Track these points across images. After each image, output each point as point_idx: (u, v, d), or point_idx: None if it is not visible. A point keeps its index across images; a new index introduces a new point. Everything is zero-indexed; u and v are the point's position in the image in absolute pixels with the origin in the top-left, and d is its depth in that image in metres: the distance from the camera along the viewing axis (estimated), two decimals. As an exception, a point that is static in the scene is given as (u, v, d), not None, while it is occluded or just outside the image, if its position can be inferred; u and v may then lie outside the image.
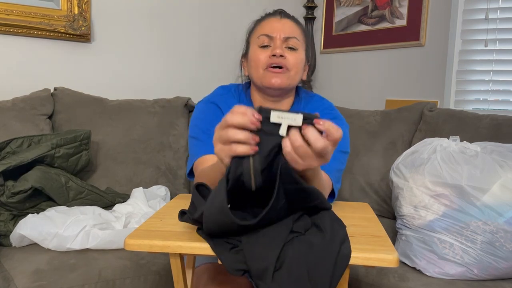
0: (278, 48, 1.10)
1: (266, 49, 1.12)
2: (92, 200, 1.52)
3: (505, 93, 1.85)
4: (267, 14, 1.19)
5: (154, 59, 2.18)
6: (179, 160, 1.88)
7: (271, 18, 1.16)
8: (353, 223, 0.90)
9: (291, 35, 1.12)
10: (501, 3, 1.83)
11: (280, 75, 1.11)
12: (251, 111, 0.66)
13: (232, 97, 1.21)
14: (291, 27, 1.14)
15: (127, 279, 1.22)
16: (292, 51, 1.13)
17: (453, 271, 1.19)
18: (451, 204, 1.20)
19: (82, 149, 1.58)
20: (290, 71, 1.12)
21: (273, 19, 1.15)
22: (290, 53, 1.12)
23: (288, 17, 1.17)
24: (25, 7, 1.78)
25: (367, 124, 1.85)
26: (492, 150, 1.27)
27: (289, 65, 1.12)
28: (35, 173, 1.40)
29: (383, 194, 1.70)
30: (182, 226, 0.84)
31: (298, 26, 1.17)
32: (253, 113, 0.66)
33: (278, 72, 1.11)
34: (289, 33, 1.13)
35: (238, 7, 2.37)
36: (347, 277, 0.82)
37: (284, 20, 1.15)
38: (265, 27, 1.14)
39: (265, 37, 1.12)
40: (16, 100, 1.69)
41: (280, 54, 1.10)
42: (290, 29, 1.13)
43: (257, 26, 1.18)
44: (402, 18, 2.12)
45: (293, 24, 1.16)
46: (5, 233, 1.34)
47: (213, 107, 1.17)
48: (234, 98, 1.22)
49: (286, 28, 1.13)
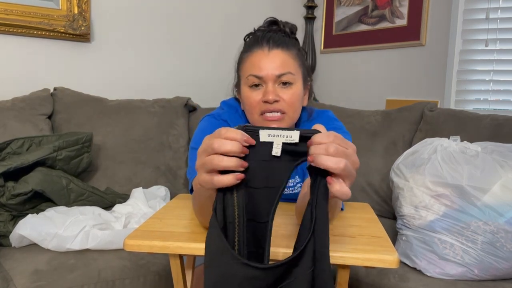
0: (270, 93, 0.98)
1: (258, 91, 1.00)
2: (93, 201, 1.51)
3: (506, 93, 1.85)
4: (254, 43, 1.03)
5: (154, 59, 2.17)
6: (179, 160, 1.88)
7: (258, 51, 1.01)
8: (354, 224, 0.89)
9: (283, 71, 0.99)
10: (501, 3, 1.83)
11: (278, 122, 1.01)
12: (241, 136, 0.58)
13: (239, 117, 1.13)
14: (283, 60, 1.00)
15: (126, 280, 1.21)
16: (287, 88, 1.00)
17: (453, 272, 1.18)
18: (452, 204, 1.20)
19: (84, 151, 1.58)
20: (288, 113, 1.01)
21: (260, 54, 1.00)
22: (285, 91, 1.00)
23: (277, 45, 1.01)
24: (25, 7, 1.78)
25: (367, 124, 1.85)
26: (493, 150, 1.27)
27: (285, 108, 1.00)
28: (36, 176, 1.40)
29: (384, 194, 1.70)
30: (182, 226, 0.84)
31: (291, 52, 1.02)
32: (244, 138, 0.58)
33: (274, 119, 1.00)
34: (280, 69, 0.99)
35: (238, 7, 2.37)
36: (348, 277, 0.82)
37: (273, 52, 1.00)
38: (253, 64, 1.00)
39: (254, 77, 1.00)
40: (15, 100, 1.69)
41: (273, 100, 0.98)
42: (281, 63, 0.99)
43: (245, 61, 1.04)
44: (403, 18, 2.11)
45: (284, 54, 1.00)
46: (4, 234, 1.34)
47: (224, 124, 1.10)
48: (242, 118, 1.13)
49: (276, 64, 0.99)
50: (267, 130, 0.59)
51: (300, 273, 0.59)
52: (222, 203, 0.61)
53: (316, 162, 0.57)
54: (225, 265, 0.60)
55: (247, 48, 1.05)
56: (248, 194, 0.62)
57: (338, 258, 0.72)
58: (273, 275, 0.59)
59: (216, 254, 0.60)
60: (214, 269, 0.61)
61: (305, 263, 0.59)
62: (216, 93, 2.25)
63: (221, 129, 0.59)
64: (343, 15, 2.39)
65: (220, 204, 0.61)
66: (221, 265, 0.60)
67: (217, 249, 0.60)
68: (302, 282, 0.59)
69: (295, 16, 2.49)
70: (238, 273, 0.59)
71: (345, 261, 0.72)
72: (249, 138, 0.59)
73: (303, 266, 0.59)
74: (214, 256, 0.61)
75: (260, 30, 1.07)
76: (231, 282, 0.60)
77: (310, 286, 0.59)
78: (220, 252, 0.60)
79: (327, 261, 0.59)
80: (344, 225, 0.88)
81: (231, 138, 0.58)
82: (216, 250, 0.60)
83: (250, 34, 1.09)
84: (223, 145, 0.57)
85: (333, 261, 0.72)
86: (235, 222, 0.61)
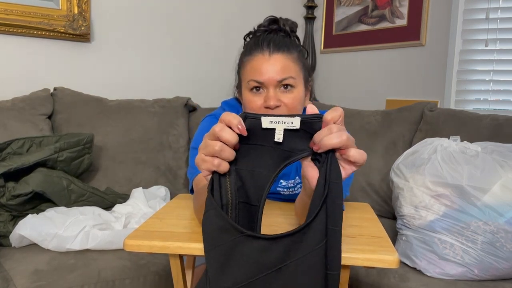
0: (271, 99, 0.97)
1: (259, 95, 1.00)
2: (93, 202, 1.51)
3: (506, 93, 1.85)
4: (255, 46, 1.02)
5: (154, 59, 2.17)
6: (179, 160, 1.88)
7: (258, 55, 1.00)
8: (354, 224, 0.89)
9: (284, 76, 0.98)
10: (501, 3, 1.83)
11: None
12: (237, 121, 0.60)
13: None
14: (284, 64, 0.98)
15: (126, 280, 1.21)
16: (288, 92, 0.99)
17: (453, 272, 1.18)
18: (452, 204, 1.20)
19: (85, 152, 1.58)
20: None
21: (261, 58, 0.99)
22: (287, 95, 0.99)
23: (278, 48, 0.99)
24: (25, 7, 1.78)
25: (367, 124, 1.85)
26: (493, 150, 1.27)
27: (287, 112, 0.99)
28: (37, 177, 1.39)
29: (384, 194, 1.70)
30: (182, 226, 0.84)
31: (292, 54, 1.01)
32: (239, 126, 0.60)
33: None
34: (281, 74, 0.97)
35: (238, 7, 2.37)
36: (347, 277, 0.82)
37: (274, 56, 0.98)
38: (254, 69, 0.99)
39: (255, 82, 0.99)
40: (15, 100, 1.69)
41: (275, 105, 0.97)
42: (282, 68, 0.98)
43: (246, 64, 1.03)
44: (403, 18, 2.11)
45: (285, 58, 0.99)
46: (4, 234, 1.34)
47: None
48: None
49: (277, 68, 0.97)
50: (269, 117, 0.60)
51: (308, 249, 0.59)
52: (219, 185, 0.62)
53: (323, 146, 0.59)
54: (229, 243, 0.59)
55: (248, 52, 1.03)
56: (243, 177, 0.63)
57: (338, 258, 0.72)
58: (282, 246, 0.59)
59: (218, 233, 0.60)
60: (217, 250, 0.60)
61: (313, 239, 0.59)
62: (216, 93, 2.25)
63: (225, 114, 0.61)
64: (343, 15, 2.39)
65: (217, 185, 0.62)
66: (225, 243, 0.59)
67: (218, 229, 0.60)
68: (311, 258, 0.59)
69: (295, 16, 2.49)
70: (244, 248, 0.59)
71: (345, 261, 0.72)
72: (243, 128, 0.60)
73: (311, 241, 0.59)
74: (216, 236, 0.60)
75: (260, 30, 1.06)
76: (238, 260, 0.59)
77: (319, 263, 0.59)
78: (221, 231, 0.59)
79: (338, 239, 0.58)
80: (344, 225, 0.88)
81: (226, 121, 0.60)
82: (217, 229, 0.60)
83: (250, 34, 1.09)
84: (224, 134, 0.60)
85: (333, 261, 0.72)
86: (228, 204, 0.62)
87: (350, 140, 0.60)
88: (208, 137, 0.62)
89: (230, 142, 0.60)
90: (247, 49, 1.05)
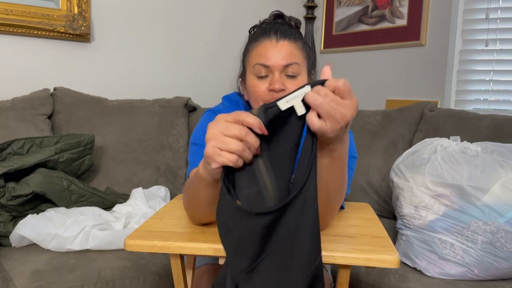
0: (277, 82, 0.98)
1: (264, 80, 1.01)
2: (94, 202, 1.51)
3: (506, 93, 1.85)
4: (262, 34, 1.04)
5: (154, 58, 2.17)
6: (179, 160, 1.88)
7: (265, 41, 1.02)
8: (354, 224, 0.90)
9: (290, 61, 0.99)
10: (501, 3, 1.83)
11: None
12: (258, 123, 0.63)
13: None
14: (290, 51, 1.01)
15: (126, 280, 1.21)
16: (292, 79, 1.01)
17: (453, 271, 1.18)
18: (452, 204, 1.20)
19: (86, 153, 1.58)
20: None
21: (268, 43, 1.01)
22: (291, 82, 1.01)
23: (285, 36, 1.02)
24: (25, 7, 1.78)
25: (367, 124, 1.85)
26: (493, 150, 1.27)
27: None
28: (37, 177, 1.39)
29: (384, 194, 1.70)
30: (182, 226, 0.84)
31: (297, 43, 1.03)
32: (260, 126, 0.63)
33: None
34: (288, 59, 0.99)
35: (238, 7, 2.37)
36: (348, 277, 0.82)
37: (281, 42, 1.01)
38: (260, 54, 1.01)
39: (261, 66, 1.00)
40: (15, 100, 1.69)
41: (279, 89, 0.99)
42: (288, 54, 1.00)
43: (252, 50, 1.04)
44: (403, 18, 2.11)
45: (291, 45, 1.01)
46: (4, 234, 1.34)
47: None
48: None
49: (284, 54, 1.00)
50: (283, 99, 0.63)
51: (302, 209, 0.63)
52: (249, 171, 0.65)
53: (305, 98, 0.62)
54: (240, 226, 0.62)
55: (254, 39, 1.05)
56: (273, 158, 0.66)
57: (339, 258, 0.72)
58: (289, 211, 0.62)
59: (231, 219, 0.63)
60: (231, 234, 0.63)
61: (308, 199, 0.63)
62: (216, 93, 2.25)
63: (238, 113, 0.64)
64: (343, 15, 2.39)
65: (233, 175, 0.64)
66: (237, 226, 0.62)
67: (230, 215, 0.63)
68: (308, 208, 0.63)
69: (295, 16, 2.49)
70: (255, 226, 0.62)
71: (346, 261, 0.72)
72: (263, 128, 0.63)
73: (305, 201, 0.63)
74: (230, 222, 0.63)
75: (266, 23, 1.07)
76: (251, 239, 0.62)
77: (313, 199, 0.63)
78: (231, 216, 0.63)
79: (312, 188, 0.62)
80: (344, 225, 0.88)
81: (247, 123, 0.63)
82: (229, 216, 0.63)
83: (256, 26, 1.10)
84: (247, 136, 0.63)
85: (334, 261, 0.72)
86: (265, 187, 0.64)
87: (322, 109, 0.62)
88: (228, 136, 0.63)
89: (254, 146, 0.63)
90: (254, 36, 1.06)
